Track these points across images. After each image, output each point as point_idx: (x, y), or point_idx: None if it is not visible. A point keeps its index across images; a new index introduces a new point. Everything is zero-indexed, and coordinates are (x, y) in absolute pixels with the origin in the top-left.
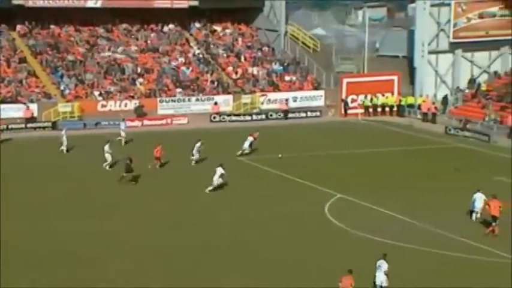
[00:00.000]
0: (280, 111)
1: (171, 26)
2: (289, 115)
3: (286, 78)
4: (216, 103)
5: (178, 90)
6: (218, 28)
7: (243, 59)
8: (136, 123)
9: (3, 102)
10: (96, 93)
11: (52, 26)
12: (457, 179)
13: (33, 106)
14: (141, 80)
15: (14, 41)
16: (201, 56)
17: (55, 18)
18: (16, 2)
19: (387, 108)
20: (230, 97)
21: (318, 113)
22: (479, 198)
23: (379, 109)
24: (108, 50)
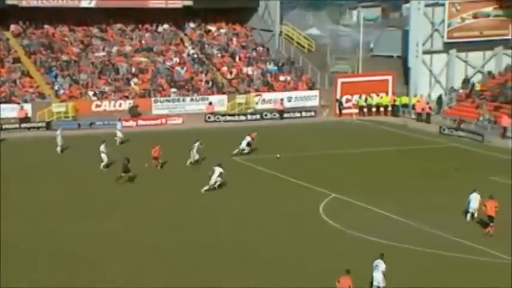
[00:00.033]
0: (275, 111)
1: (166, 26)
2: (284, 115)
3: (281, 78)
4: (210, 103)
5: (173, 90)
6: (213, 28)
7: (237, 59)
8: (130, 123)
9: None
10: (91, 93)
11: (46, 26)
12: (452, 179)
13: (27, 106)
14: (135, 80)
15: (8, 41)
16: (196, 56)
17: (49, 18)
18: (10, 1)
19: (381, 108)
20: (225, 97)
21: (312, 113)
22: (475, 199)
23: (374, 109)
24: (103, 50)
